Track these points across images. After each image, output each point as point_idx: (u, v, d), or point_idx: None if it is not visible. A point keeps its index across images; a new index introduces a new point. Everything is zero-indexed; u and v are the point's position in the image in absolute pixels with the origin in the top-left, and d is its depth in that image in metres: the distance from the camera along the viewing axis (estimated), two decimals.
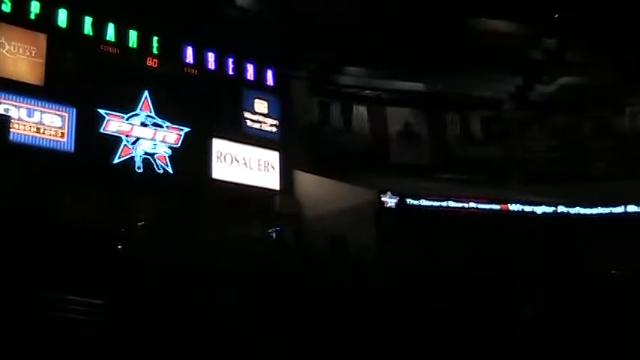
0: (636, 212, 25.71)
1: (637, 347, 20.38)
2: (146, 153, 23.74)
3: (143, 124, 23.78)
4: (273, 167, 25.42)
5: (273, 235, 24.38)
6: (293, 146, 25.96)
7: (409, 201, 24.31)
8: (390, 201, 23.96)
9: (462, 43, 27.12)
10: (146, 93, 23.98)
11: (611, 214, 25.78)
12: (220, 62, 25.44)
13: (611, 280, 23.96)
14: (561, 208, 25.64)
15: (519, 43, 28.41)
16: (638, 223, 25.16)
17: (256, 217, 24.43)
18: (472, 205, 24.94)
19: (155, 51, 24.31)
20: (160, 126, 24.17)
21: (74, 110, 22.42)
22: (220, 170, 24.66)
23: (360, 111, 28.06)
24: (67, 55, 22.75)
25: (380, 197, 23.90)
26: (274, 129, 25.83)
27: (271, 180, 25.38)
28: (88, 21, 23.25)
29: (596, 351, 20.53)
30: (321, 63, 27.08)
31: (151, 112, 24.06)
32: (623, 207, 25.78)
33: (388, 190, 24.05)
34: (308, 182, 25.58)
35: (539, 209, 25.44)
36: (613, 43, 27.67)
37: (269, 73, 26.25)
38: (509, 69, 28.62)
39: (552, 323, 21.28)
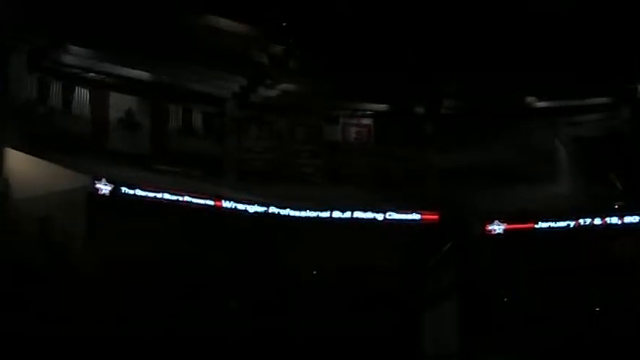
0: (340, 217, 28.14)
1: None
2: None
3: None
4: None
5: None
6: (6, 122, 25.39)
7: (124, 189, 24.83)
8: (105, 188, 24.35)
9: (191, 38, 28.16)
10: None
11: (318, 217, 27.98)
12: None
13: (312, 279, 26.30)
14: (272, 209, 27.44)
15: (247, 45, 29.89)
16: (341, 227, 27.67)
17: None
18: (187, 198, 25.97)
19: None
20: None
21: None
22: None
23: (82, 93, 28.07)
24: None
25: (94, 183, 24.21)
26: None
27: None
28: None
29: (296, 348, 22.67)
30: (44, 38, 26.72)
31: None
32: (329, 212, 28.10)
33: (103, 177, 24.44)
34: (19, 161, 25.20)
35: (252, 208, 27.12)
36: (334, 58, 30.05)
37: None
38: (235, 69, 30.13)
39: (257, 316, 23.08)
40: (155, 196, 25.50)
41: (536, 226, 27.56)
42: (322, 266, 26.87)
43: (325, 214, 28.09)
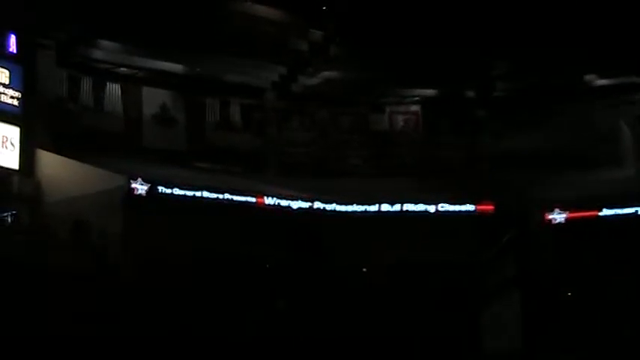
0: (389, 211, 27.87)
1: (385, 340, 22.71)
2: None
3: None
4: (12, 144, 25.02)
5: (8, 219, 24.02)
6: (36, 122, 25.68)
7: (161, 189, 24.97)
8: (141, 188, 24.50)
9: (225, 27, 28.21)
10: None
11: (365, 212, 27.78)
12: None
13: (359, 277, 26.15)
14: (317, 204, 27.30)
15: (285, 32, 29.82)
16: (391, 221, 27.44)
17: None
18: (227, 196, 26.02)
19: None
20: None
21: None
22: None
23: (114, 89, 28.26)
24: None
25: (130, 183, 24.38)
26: (15, 102, 25.33)
27: (9, 158, 24.96)
28: None
29: (348, 348, 22.60)
30: (73, 33, 27.01)
31: None
32: (377, 205, 27.88)
33: (139, 176, 24.58)
34: (51, 163, 25.47)
35: (295, 204, 27.01)
36: (378, 42, 29.79)
37: (12, 39, 25.68)
38: (274, 58, 30.12)
39: (303, 317, 23.01)
40: (194, 195, 25.54)
41: (600, 213, 26.96)
42: (372, 263, 26.75)
43: (373, 208, 27.81)
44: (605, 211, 26.96)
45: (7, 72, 25.32)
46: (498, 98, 31.46)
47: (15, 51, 25.67)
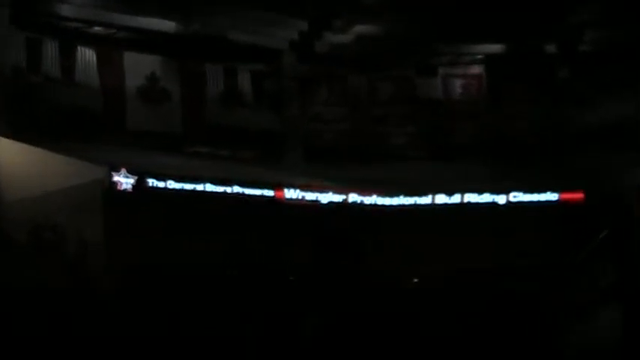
0: (446, 204, 27.83)
1: None
2: None
3: None
4: None
5: None
6: None
7: (151, 182, 25.32)
8: (125, 181, 24.86)
9: None
10: None
11: (415, 205, 27.76)
12: None
13: (409, 290, 25.94)
14: (353, 197, 27.31)
15: None
16: (448, 217, 27.33)
17: None
18: (237, 189, 26.24)
19: None
20: None
21: None
22: None
23: (87, 55, 28.10)
24: None
25: (111, 176, 24.73)
26: None
27: None
28: None
29: None
30: None
31: None
32: (430, 197, 27.79)
33: (123, 167, 24.90)
34: (9, 152, 25.48)
35: (325, 197, 27.13)
36: None
37: None
38: (292, 9, 29.76)
39: (335, 338, 23.32)
40: (193, 189, 25.81)
41: None
42: (424, 271, 26.80)
43: (425, 200, 27.75)
44: None
45: None
46: (586, 54, 30.94)
47: None
